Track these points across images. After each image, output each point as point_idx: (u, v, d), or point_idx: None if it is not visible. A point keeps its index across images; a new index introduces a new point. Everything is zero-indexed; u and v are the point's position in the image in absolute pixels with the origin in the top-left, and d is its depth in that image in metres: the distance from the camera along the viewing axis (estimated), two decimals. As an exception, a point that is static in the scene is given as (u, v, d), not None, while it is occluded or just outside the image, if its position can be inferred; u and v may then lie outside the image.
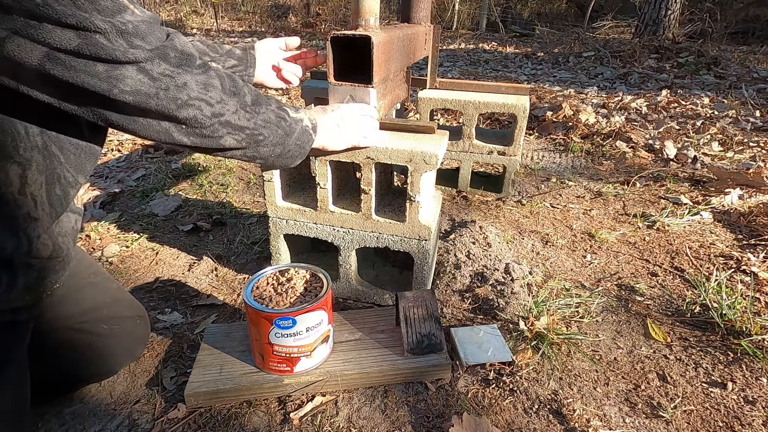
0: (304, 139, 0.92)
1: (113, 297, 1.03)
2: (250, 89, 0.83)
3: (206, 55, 1.13)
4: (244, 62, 1.20)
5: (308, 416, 0.97)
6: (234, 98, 0.78)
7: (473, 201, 1.97)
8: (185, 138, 0.75)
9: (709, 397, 1.04)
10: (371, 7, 1.10)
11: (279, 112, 0.87)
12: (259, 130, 0.82)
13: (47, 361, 0.94)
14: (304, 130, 0.92)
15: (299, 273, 1.06)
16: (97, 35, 0.60)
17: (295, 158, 0.93)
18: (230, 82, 0.78)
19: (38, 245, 0.74)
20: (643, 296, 1.38)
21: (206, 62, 0.75)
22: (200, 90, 0.72)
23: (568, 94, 3.71)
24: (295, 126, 0.89)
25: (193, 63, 0.72)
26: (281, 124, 0.86)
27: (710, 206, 1.89)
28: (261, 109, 0.83)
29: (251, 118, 0.81)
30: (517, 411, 0.99)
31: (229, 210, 1.85)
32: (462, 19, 8.80)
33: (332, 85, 1.10)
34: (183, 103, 0.71)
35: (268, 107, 0.84)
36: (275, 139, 0.86)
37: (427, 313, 1.08)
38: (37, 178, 0.70)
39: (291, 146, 0.90)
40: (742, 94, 3.60)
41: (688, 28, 5.99)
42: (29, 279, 0.75)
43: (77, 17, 0.58)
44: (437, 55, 1.76)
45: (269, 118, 0.84)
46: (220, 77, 0.76)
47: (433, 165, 1.11)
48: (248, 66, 1.21)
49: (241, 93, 0.79)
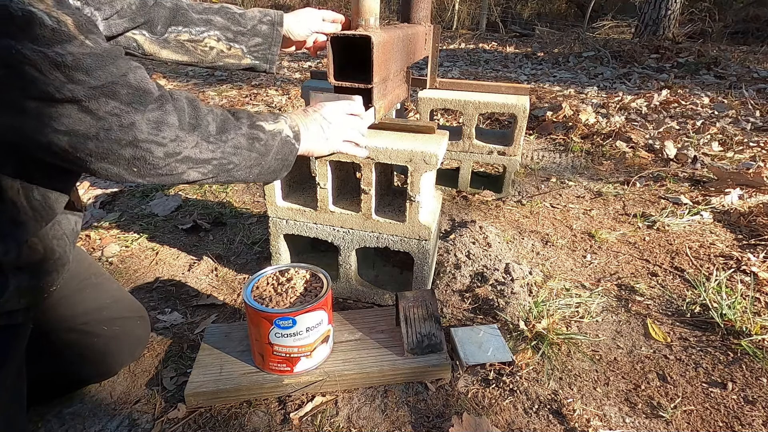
0: (286, 151, 0.87)
1: (113, 298, 1.03)
2: (217, 115, 0.77)
3: (229, 31, 1.04)
4: (268, 40, 1.09)
5: (308, 416, 0.97)
6: (194, 132, 0.72)
7: (473, 201, 1.97)
8: (139, 179, 0.70)
9: (709, 397, 1.04)
10: (371, 7, 1.10)
11: (252, 133, 0.80)
12: (227, 158, 0.77)
13: (47, 361, 0.94)
14: (285, 142, 0.86)
15: (299, 273, 1.06)
16: (26, 67, 0.54)
17: (278, 172, 0.88)
18: (191, 113, 0.72)
19: (27, 249, 0.73)
20: (643, 296, 1.38)
21: (165, 95, 0.69)
22: (150, 130, 0.66)
23: (568, 94, 3.71)
24: (271, 142, 0.83)
25: (148, 99, 0.66)
26: (254, 146, 0.81)
27: (710, 206, 1.89)
28: (229, 135, 0.77)
29: (217, 149, 0.75)
30: (517, 411, 0.99)
31: (229, 210, 1.85)
32: (462, 19, 8.80)
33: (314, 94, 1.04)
34: (128, 144, 0.65)
35: (237, 131, 0.78)
36: (249, 162, 0.81)
37: (427, 313, 1.08)
38: (12, 184, 0.68)
39: (270, 163, 0.85)
40: (742, 94, 3.60)
41: (688, 27, 5.99)
42: (21, 282, 0.74)
43: (1, 45, 0.52)
44: (437, 55, 1.76)
45: (239, 143, 0.78)
46: (178, 110, 0.70)
47: (433, 165, 1.11)
48: (272, 44, 1.10)
49: (204, 123, 0.73)
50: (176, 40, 0.99)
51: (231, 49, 1.05)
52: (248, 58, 1.08)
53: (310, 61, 5.15)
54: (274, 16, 1.08)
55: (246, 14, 1.06)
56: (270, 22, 1.08)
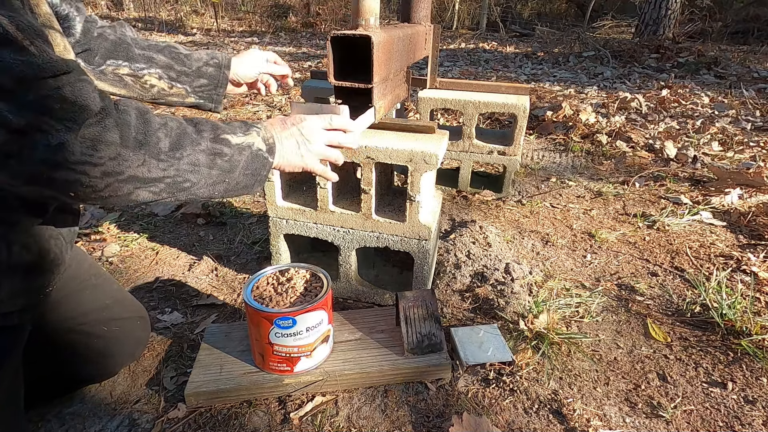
0: (257, 165, 0.79)
1: (113, 298, 1.03)
2: (171, 129, 0.69)
3: (172, 70, 1.04)
4: (214, 82, 1.10)
5: (308, 416, 0.97)
6: (140, 150, 0.64)
7: (473, 201, 1.97)
8: (80, 202, 0.65)
9: (709, 397, 1.04)
10: (371, 7, 1.10)
11: (214, 148, 0.73)
12: (183, 176, 0.70)
13: (48, 362, 0.94)
14: (255, 156, 0.78)
15: (299, 273, 1.06)
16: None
17: (250, 187, 0.81)
18: (139, 127, 0.64)
19: (19, 250, 0.72)
20: (643, 296, 1.38)
21: (108, 108, 0.62)
22: (84, 150, 0.58)
23: (568, 94, 3.71)
24: (238, 157, 0.76)
25: (85, 115, 0.58)
26: (216, 162, 0.73)
27: (710, 206, 1.89)
28: (184, 152, 0.69)
29: (169, 167, 0.68)
30: (517, 411, 0.99)
31: (229, 210, 1.85)
32: (462, 18, 8.80)
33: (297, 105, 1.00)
34: (57, 165, 0.58)
35: (195, 147, 0.70)
36: (210, 180, 0.74)
37: (427, 313, 1.08)
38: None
39: (239, 179, 0.77)
40: (742, 94, 3.60)
41: (688, 27, 5.99)
42: (14, 283, 0.73)
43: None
44: (437, 54, 1.76)
45: (196, 160, 0.71)
46: (122, 126, 0.62)
47: (433, 165, 1.11)
48: (218, 86, 1.11)
49: (153, 140, 0.65)
50: (114, 74, 0.98)
51: (173, 88, 1.05)
52: (192, 97, 1.09)
53: (310, 61, 5.15)
54: (221, 59, 1.11)
55: (192, 56, 1.08)
56: (217, 64, 1.10)
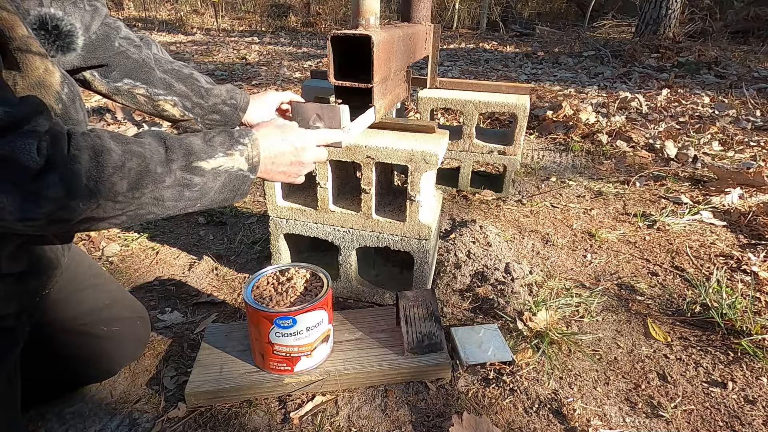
0: (236, 183, 0.74)
1: (113, 298, 1.03)
2: (130, 170, 0.62)
3: (188, 100, 1.02)
4: (226, 119, 1.08)
5: (308, 416, 0.97)
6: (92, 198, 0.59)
7: (473, 200, 1.97)
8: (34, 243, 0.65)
9: (710, 397, 1.04)
10: (371, 7, 1.09)
11: (183, 179, 0.67)
12: (145, 209, 0.65)
13: (48, 362, 0.94)
14: (234, 177, 0.73)
15: (299, 272, 1.06)
16: None
17: (229, 200, 0.76)
18: (91, 174, 0.58)
19: (8, 263, 0.71)
20: (643, 296, 1.38)
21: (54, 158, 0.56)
22: (26, 206, 0.55)
23: (568, 94, 3.71)
24: (211, 184, 0.71)
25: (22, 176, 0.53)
26: (183, 194, 0.68)
27: (710, 206, 1.89)
28: (145, 191, 0.63)
29: (128, 206, 0.63)
30: (517, 410, 0.99)
31: (229, 210, 1.85)
32: (462, 18, 8.80)
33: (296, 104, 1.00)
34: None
35: (158, 185, 0.64)
36: (177, 208, 0.69)
37: (428, 313, 1.08)
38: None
39: (214, 197, 0.73)
40: (743, 94, 3.60)
41: (688, 27, 5.98)
42: (7, 288, 0.73)
43: None
44: (437, 54, 1.76)
45: (159, 196, 0.65)
46: (67, 179, 0.56)
47: (434, 164, 1.11)
48: (228, 124, 1.10)
49: (106, 186, 0.59)
50: (129, 92, 0.97)
51: (184, 116, 1.04)
52: (200, 125, 1.08)
53: (310, 61, 5.15)
54: (239, 101, 1.08)
55: (212, 91, 1.05)
56: (234, 105, 1.08)
